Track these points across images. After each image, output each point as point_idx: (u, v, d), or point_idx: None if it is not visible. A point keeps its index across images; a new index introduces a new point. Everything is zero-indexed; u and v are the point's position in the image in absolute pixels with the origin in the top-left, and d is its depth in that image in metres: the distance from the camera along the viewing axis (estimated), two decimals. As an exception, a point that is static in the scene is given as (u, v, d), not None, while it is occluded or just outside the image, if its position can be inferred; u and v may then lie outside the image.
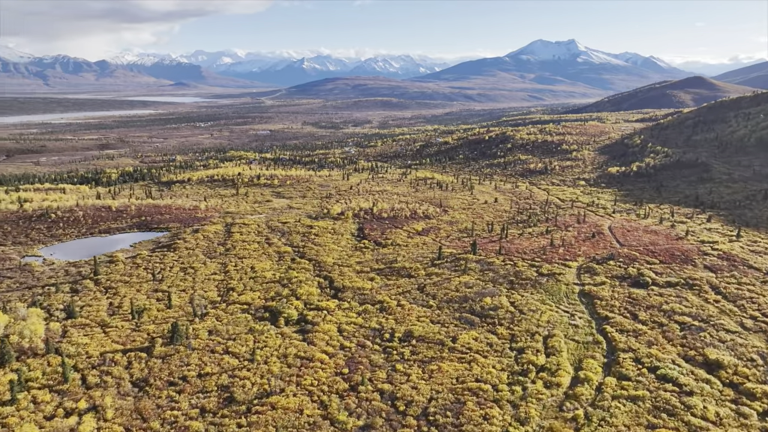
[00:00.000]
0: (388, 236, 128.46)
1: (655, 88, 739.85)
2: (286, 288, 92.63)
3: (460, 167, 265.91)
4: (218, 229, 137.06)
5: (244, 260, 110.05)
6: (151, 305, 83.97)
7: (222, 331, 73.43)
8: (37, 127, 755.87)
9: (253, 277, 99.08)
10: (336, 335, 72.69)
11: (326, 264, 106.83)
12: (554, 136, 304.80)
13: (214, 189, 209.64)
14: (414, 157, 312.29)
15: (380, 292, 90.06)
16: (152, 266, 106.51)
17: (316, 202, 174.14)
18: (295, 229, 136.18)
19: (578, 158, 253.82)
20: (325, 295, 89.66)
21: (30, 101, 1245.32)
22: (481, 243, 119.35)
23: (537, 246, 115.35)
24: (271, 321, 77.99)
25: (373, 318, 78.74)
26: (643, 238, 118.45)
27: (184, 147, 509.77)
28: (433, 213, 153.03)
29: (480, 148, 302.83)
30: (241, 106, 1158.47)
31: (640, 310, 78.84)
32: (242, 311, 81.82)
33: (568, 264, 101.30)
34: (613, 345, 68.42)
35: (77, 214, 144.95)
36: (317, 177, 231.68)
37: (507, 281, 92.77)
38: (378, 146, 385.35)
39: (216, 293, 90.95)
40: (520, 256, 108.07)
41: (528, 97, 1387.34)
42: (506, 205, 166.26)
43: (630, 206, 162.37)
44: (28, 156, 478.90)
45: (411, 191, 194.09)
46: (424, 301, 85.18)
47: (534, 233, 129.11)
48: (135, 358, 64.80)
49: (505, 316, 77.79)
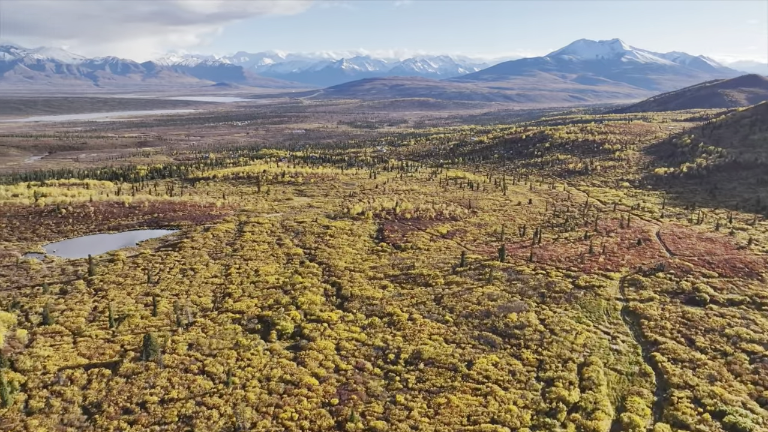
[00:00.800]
0: (409, 239, 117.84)
1: (705, 87, 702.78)
2: (288, 295, 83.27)
3: (494, 167, 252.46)
4: (230, 227, 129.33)
5: (249, 262, 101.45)
6: (136, 311, 75.88)
7: (204, 345, 64.38)
8: (82, 125, 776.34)
9: (255, 281, 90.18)
10: (332, 354, 62.62)
11: (337, 268, 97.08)
12: (596, 135, 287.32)
13: (237, 186, 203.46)
14: (447, 157, 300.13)
15: (391, 302, 79.59)
16: (151, 267, 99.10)
17: (337, 201, 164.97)
18: (310, 229, 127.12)
19: (622, 158, 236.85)
20: (329, 305, 79.85)
21: (78, 101, 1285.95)
22: (510, 248, 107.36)
23: (574, 253, 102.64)
24: (263, 334, 68.54)
25: (378, 334, 68.34)
26: (698, 247, 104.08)
27: (220, 145, 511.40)
28: (460, 214, 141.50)
29: (516, 148, 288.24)
30: (279, 106, 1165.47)
31: (697, 334, 65.86)
32: (233, 321, 72.74)
33: (609, 275, 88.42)
34: (664, 379, 56.02)
35: (88, 210, 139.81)
36: (343, 175, 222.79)
37: (537, 294, 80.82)
38: (411, 145, 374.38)
39: (210, 299, 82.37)
40: (553, 264, 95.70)
41: (569, 97, 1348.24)
42: (541, 207, 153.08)
43: (680, 210, 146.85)
44: (68, 152, 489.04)
45: (439, 191, 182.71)
46: (440, 315, 74.23)
47: (571, 238, 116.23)
48: (97, 375, 56.32)
49: (533, 336, 66.12)
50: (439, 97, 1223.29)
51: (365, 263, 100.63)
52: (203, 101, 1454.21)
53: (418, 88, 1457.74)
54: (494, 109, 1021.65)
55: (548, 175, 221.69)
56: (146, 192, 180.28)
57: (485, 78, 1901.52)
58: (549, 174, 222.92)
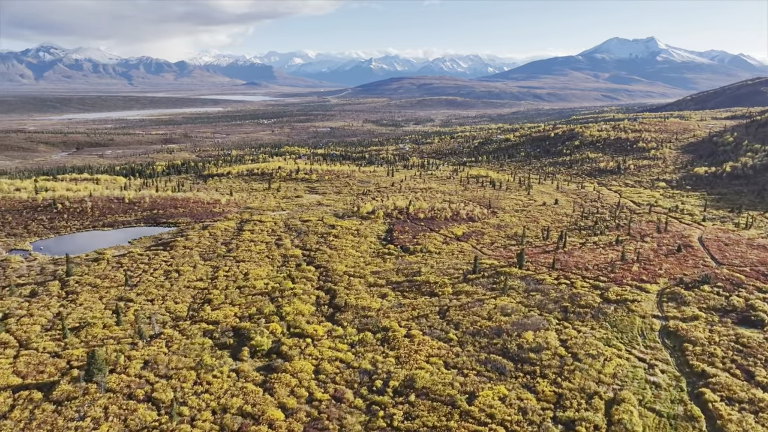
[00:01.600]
0: (420, 241, 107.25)
1: (746, 85, 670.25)
2: (275, 302, 73.76)
3: (519, 165, 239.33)
4: (230, 225, 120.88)
5: (241, 264, 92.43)
6: (102, 319, 67.34)
7: (161, 364, 55.18)
8: (113, 122, 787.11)
9: (242, 286, 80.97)
10: (309, 378, 52.70)
11: (335, 273, 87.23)
12: (629, 132, 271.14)
13: (249, 183, 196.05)
14: (471, 155, 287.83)
15: (389, 314, 69.28)
16: (135, 267, 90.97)
17: (349, 199, 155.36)
18: (314, 228, 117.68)
19: (657, 157, 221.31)
20: (318, 315, 70.00)
21: (111, 99, 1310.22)
22: (530, 253, 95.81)
23: (603, 260, 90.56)
24: (234, 351, 59.03)
25: (368, 353, 58.13)
26: (749, 255, 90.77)
27: (244, 142, 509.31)
28: (479, 215, 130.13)
29: (544, 146, 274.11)
30: (306, 105, 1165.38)
31: (756, 365, 53.73)
32: (204, 333, 63.45)
33: (644, 287, 76.26)
34: (717, 426, 44.39)
35: (86, 206, 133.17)
36: (360, 173, 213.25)
37: (559, 308, 69.34)
38: (435, 143, 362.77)
39: (187, 306, 73.40)
40: (579, 272, 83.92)
41: (601, 96, 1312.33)
42: (568, 208, 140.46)
43: (725, 213, 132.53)
44: (95, 149, 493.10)
45: (459, 189, 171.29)
46: (443, 331, 63.58)
47: (600, 243, 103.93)
48: (24, 400, 47.55)
49: (551, 362, 54.97)
50: (467, 96, 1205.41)
51: (367, 267, 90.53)
52: (232, 100, 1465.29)
53: (446, 87, 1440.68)
54: (523, 108, 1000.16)
55: (577, 174, 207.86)
56: (153, 188, 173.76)
57: (515, 77, 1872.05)
58: (578, 173, 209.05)
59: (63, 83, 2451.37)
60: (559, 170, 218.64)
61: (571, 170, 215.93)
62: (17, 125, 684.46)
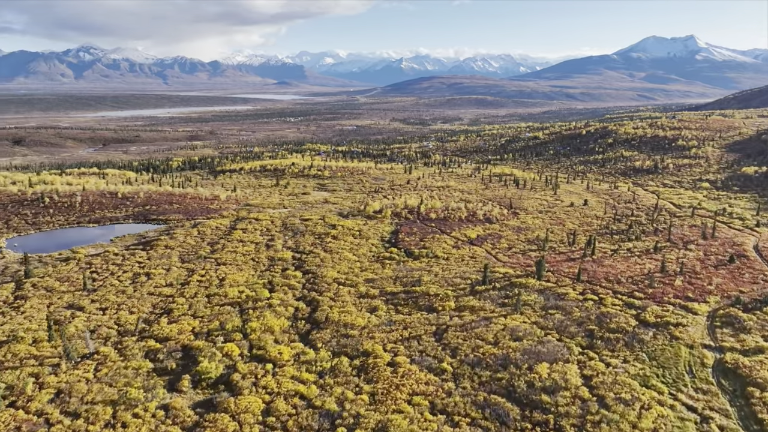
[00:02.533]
0: (427, 244, 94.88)
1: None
2: (244, 315, 62.65)
3: (547, 164, 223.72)
4: (223, 223, 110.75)
5: (221, 268, 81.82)
6: (35, 332, 57.22)
7: (77, 396, 44.38)
8: (143, 120, 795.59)
9: (213, 294, 70.14)
10: (253, 423, 41.11)
11: (324, 280, 75.76)
12: (667, 130, 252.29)
13: (258, 179, 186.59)
14: (496, 153, 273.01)
15: (375, 334, 57.33)
16: (105, 269, 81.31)
17: (359, 197, 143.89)
18: (313, 228, 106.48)
19: (699, 156, 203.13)
20: (291, 333, 58.54)
21: (144, 97, 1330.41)
22: (553, 261, 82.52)
23: (639, 271, 76.68)
24: (173, 379, 47.96)
25: (337, 387, 46.27)
26: (818, 269, 75.62)
27: (268, 140, 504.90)
28: (497, 215, 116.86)
29: (574, 144, 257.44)
30: (335, 103, 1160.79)
31: None
32: (147, 354, 52.61)
33: (691, 307, 62.36)
34: None
35: (75, 200, 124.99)
36: (376, 169, 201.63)
37: (583, 332, 56.20)
38: (460, 141, 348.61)
39: (142, 317, 62.83)
40: (610, 286, 70.36)
41: (637, 96, 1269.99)
42: (599, 210, 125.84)
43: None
44: (121, 145, 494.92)
45: (479, 188, 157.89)
46: (436, 359, 51.31)
47: (636, 250, 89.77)
48: None
49: (570, 408, 42.16)
50: (497, 96, 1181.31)
51: (362, 274, 78.73)
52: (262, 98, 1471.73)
53: (476, 86, 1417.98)
54: (555, 107, 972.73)
55: (610, 173, 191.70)
56: (158, 183, 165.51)
57: (547, 76, 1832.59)
58: (611, 172, 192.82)
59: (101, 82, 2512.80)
60: (590, 169, 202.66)
61: (603, 169, 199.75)
62: (52, 122, 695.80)
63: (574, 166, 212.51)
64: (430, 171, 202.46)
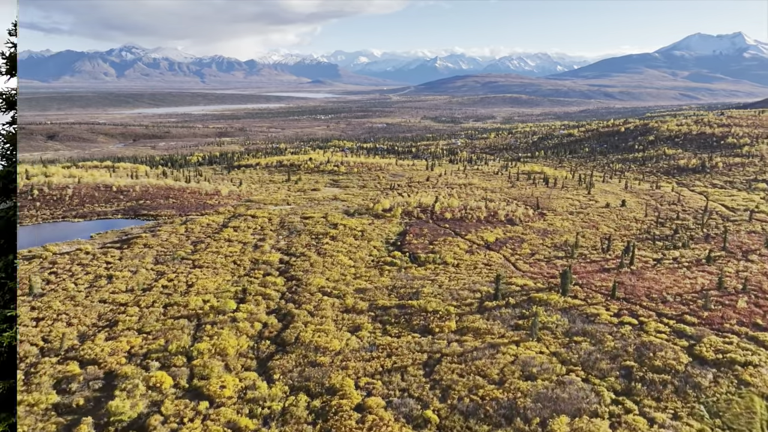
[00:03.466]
0: (437, 247, 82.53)
1: None
2: (197, 332, 51.82)
3: (581, 162, 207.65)
4: (216, 220, 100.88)
5: (194, 271, 71.46)
6: (-56, 346, 47.57)
7: (-62, 440, 34.15)
8: (177, 117, 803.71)
9: (172, 303, 59.57)
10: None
11: (308, 288, 64.42)
12: (715, 127, 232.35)
13: (272, 174, 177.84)
14: (527, 150, 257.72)
15: (349, 362, 45.56)
16: (66, 270, 72.01)
17: (371, 194, 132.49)
18: (312, 227, 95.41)
19: (753, 154, 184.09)
20: (248, 357, 47.33)
21: (180, 95, 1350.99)
22: (582, 271, 69.09)
23: (689, 287, 62.65)
24: (70, 424, 37.16)
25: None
26: None
27: (297, 137, 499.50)
28: (521, 216, 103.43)
29: (612, 141, 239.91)
30: (366, 102, 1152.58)
31: None
32: (58, 383, 42.07)
33: (763, 338, 48.38)
34: None
35: (65, 193, 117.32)
36: (397, 166, 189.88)
37: (618, 369, 43.08)
38: (490, 138, 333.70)
39: (84, 329, 52.68)
40: (653, 305, 56.71)
41: (679, 95, 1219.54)
42: (638, 212, 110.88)
43: None
44: (150, 141, 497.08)
45: (505, 186, 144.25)
46: (420, 402, 39.17)
47: (683, 260, 75.43)
48: None
49: (597, 493, 29.47)
50: (532, 94, 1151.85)
51: (354, 283, 67.02)
52: (296, 97, 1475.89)
53: (511, 85, 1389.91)
54: (593, 107, 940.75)
55: (651, 172, 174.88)
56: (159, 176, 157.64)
57: (585, 75, 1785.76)
58: (652, 171, 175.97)
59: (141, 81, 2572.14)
60: (629, 168, 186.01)
61: (643, 168, 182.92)
62: (90, 118, 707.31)
63: (611, 164, 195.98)
64: (454, 168, 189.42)
